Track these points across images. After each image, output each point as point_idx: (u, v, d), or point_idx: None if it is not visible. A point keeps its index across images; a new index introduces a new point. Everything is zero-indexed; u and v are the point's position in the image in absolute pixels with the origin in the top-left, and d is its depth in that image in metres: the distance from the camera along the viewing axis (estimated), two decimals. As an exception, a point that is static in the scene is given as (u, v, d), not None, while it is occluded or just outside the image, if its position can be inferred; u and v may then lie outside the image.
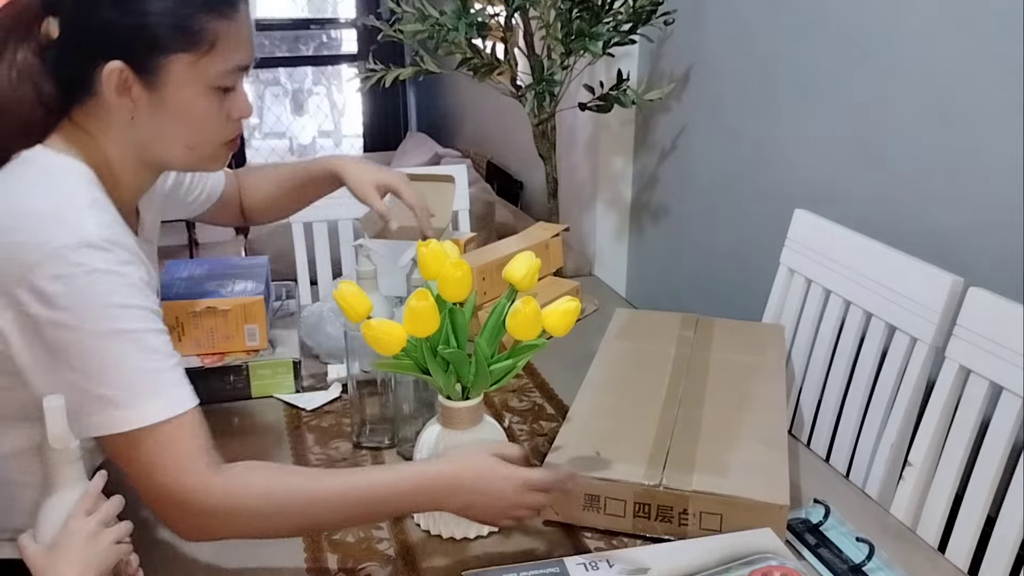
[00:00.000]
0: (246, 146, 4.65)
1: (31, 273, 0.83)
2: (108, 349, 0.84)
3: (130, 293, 0.86)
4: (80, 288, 0.83)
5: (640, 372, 1.29)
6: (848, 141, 1.61)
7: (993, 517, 1.07)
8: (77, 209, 0.87)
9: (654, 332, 1.41)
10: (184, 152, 0.97)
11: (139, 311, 0.87)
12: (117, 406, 0.84)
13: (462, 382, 0.99)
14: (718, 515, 0.99)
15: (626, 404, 1.20)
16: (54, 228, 0.84)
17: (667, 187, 2.26)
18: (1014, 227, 1.29)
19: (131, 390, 0.85)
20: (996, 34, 1.29)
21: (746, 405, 1.18)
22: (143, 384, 0.86)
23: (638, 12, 1.78)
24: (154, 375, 0.87)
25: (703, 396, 1.21)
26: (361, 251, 1.19)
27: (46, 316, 0.83)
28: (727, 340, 1.38)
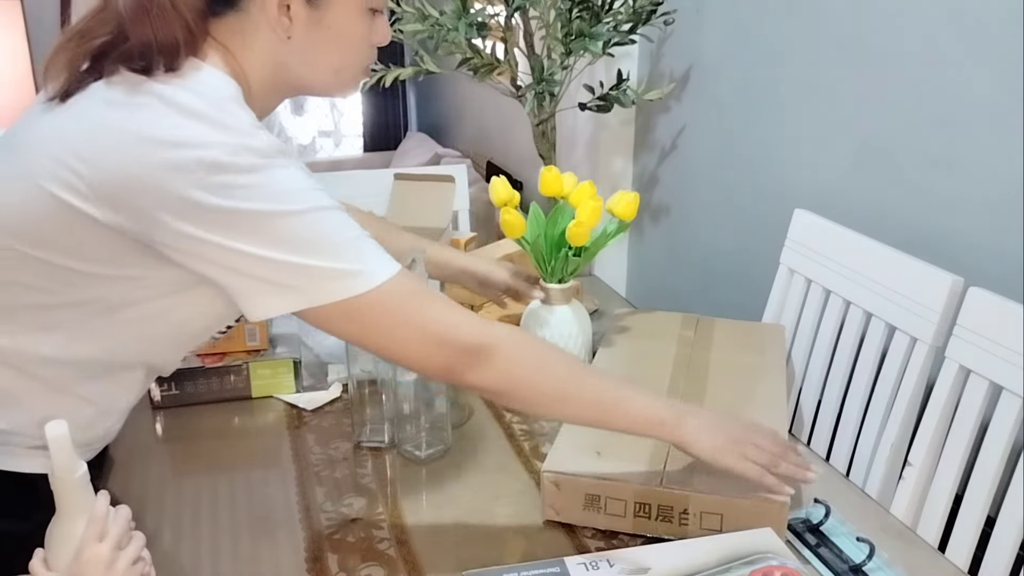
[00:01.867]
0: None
1: (212, 173, 0.79)
2: (318, 223, 0.83)
3: (306, 176, 0.85)
4: (267, 177, 0.81)
5: (640, 371, 1.29)
6: (848, 141, 1.61)
7: (993, 517, 1.07)
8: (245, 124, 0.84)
9: (654, 332, 1.42)
10: (330, 76, 0.95)
11: (323, 191, 0.86)
12: (348, 274, 0.84)
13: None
14: (719, 515, 0.99)
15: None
16: (226, 135, 0.81)
17: (667, 187, 2.26)
18: (1014, 227, 1.30)
19: (356, 255, 0.85)
20: (996, 34, 1.29)
21: (746, 404, 1.18)
22: (362, 247, 0.86)
23: (638, 12, 1.78)
24: (364, 240, 0.87)
25: (703, 395, 1.20)
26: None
27: (239, 210, 0.80)
28: (727, 340, 1.38)
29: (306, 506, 1.09)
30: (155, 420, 1.30)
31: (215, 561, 1.00)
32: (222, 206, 0.80)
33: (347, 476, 1.15)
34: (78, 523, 0.75)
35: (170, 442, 1.27)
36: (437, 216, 1.76)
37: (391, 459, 1.19)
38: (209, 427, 1.28)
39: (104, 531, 0.75)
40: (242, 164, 0.81)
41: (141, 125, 0.81)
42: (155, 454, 1.24)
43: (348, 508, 1.08)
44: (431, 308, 0.90)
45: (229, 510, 1.08)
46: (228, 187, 0.80)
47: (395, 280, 0.87)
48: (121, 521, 0.77)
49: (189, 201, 0.79)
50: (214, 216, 0.80)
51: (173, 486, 1.14)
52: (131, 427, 1.25)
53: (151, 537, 0.97)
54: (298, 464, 1.18)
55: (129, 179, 0.80)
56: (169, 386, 1.31)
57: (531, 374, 0.95)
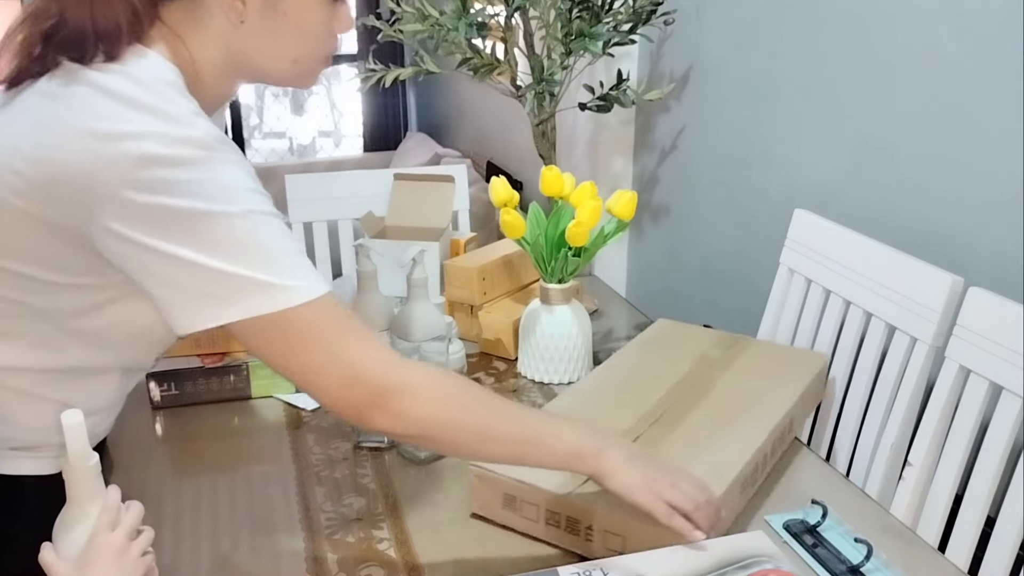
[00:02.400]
0: (246, 146, 4.65)
1: (144, 166, 0.76)
2: (248, 230, 0.79)
3: (251, 179, 0.82)
4: (204, 173, 0.77)
5: (636, 383, 1.25)
6: (848, 141, 1.61)
7: (993, 517, 1.07)
8: (184, 112, 0.80)
9: (679, 346, 1.35)
10: (287, 65, 0.91)
11: (265, 197, 0.82)
12: (269, 288, 0.80)
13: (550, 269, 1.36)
14: (621, 536, 0.96)
15: (598, 412, 1.17)
16: (163, 123, 0.77)
17: (667, 187, 2.26)
18: (1014, 227, 1.30)
19: (285, 268, 0.81)
20: (996, 34, 1.29)
21: (721, 433, 1.11)
22: (290, 264, 0.81)
23: (638, 12, 1.78)
24: (295, 256, 0.82)
25: (685, 417, 1.15)
26: (361, 251, 1.19)
27: (170, 207, 0.76)
28: (751, 363, 1.30)
29: (306, 506, 1.09)
30: (155, 420, 1.30)
31: (215, 561, 1.00)
32: (150, 203, 0.76)
33: (347, 476, 1.15)
34: (90, 512, 0.75)
35: (170, 442, 1.27)
36: (437, 216, 1.76)
37: (391, 459, 1.19)
38: (209, 427, 1.28)
39: (117, 520, 0.76)
40: (176, 157, 0.77)
41: (72, 116, 0.78)
42: (155, 454, 1.24)
43: (348, 508, 1.08)
44: (350, 340, 0.84)
45: (229, 510, 1.08)
46: (159, 182, 0.76)
47: (319, 302, 0.82)
48: (134, 513, 0.78)
49: (118, 197, 0.76)
50: (142, 213, 0.77)
51: (173, 486, 1.14)
52: (131, 427, 1.26)
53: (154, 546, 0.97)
54: (298, 464, 1.18)
55: (62, 173, 0.77)
56: (169, 386, 1.31)
57: (451, 417, 0.88)
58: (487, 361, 1.49)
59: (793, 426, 1.21)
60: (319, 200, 1.90)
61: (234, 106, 4.48)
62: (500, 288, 1.57)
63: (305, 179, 1.92)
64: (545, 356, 1.39)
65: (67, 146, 0.77)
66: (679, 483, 0.92)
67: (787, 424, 1.17)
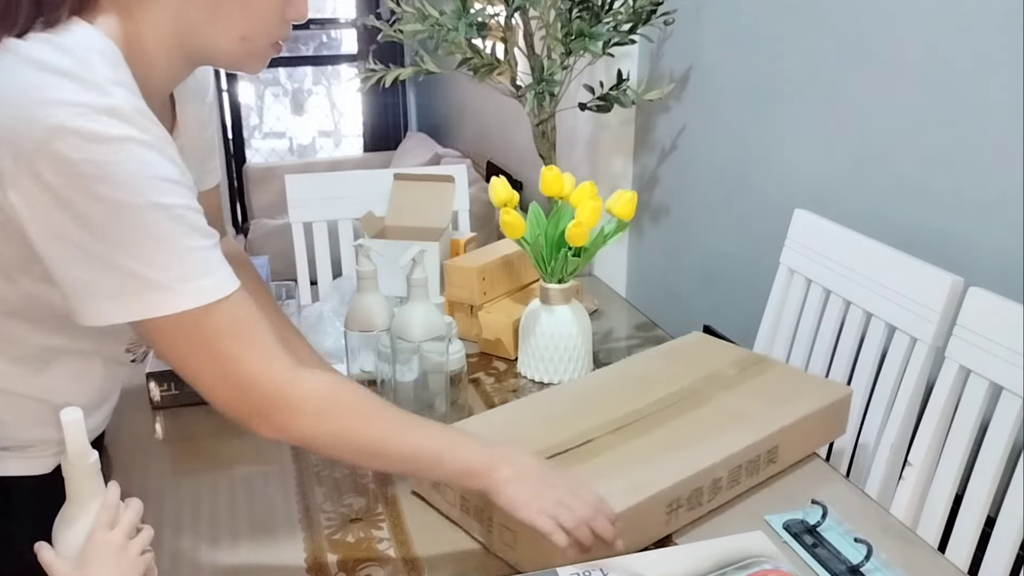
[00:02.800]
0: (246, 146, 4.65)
1: (53, 138, 0.72)
2: (149, 224, 0.76)
3: (168, 166, 0.78)
4: (114, 155, 0.74)
5: (627, 388, 1.22)
6: (848, 141, 1.61)
7: (993, 517, 1.07)
8: (104, 80, 0.77)
9: (697, 359, 1.30)
10: (237, 44, 0.88)
11: (178, 186, 0.78)
12: (161, 287, 0.77)
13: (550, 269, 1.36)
14: (513, 532, 0.95)
15: (564, 410, 1.16)
16: (80, 91, 0.74)
17: (667, 187, 2.26)
18: (1014, 227, 1.30)
19: (185, 269, 0.78)
20: (996, 34, 1.29)
21: (676, 449, 1.06)
22: (190, 263, 0.79)
23: (638, 12, 1.78)
24: (198, 253, 0.79)
25: (653, 430, 1.11)
26: (361, 251, 1.19)
27: (74, 186, 0.74)
28: (763, 385, 1.22)
29: (306, 506, 1.09)
30: (155, 420, 1.30)
31: (215, 561, 1.00)
32: (56, 182, 0.73)
33: (347, 476, 1.15)
34: (89, 509, 0.75)
35: (170, 442, 1.27)
36: (437, 216, 1.76)
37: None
38: (209, 427, 1.28)
39: (116, 519, 0.76)
40: (90, 132, 0.73)
41: (11, 73, 0.75)
42: (155, 454, 1.24)
43: (348, 508, 1.08)
44: (245, 348, 0.82)
45: (229, 510, 1.08)
46: (68, 160, 0.73)
47: (219, 306, 0.80)
48: (133, 510, 0.78)
49: (28, 169, 0.73)
50: (48, 193, 0.74)
51: (173, 486, 1.14)
52: (131, 427, 1.26)
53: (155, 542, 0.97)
54: (298, 464, 1.18)
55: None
56: (169, 386, 1.31)
57: (337, 433, 0.86)
58: (487, 361, 1.49)
59: (782, 454, 1.13)
60: (319, 200, 1.90)
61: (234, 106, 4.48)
62: (500, 288, 1.57)
63: (305, 179, 1.92)
64: (545, 356, 1.39)
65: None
66: (566, 499, 0.90)
67: (767, 450, 1.10)
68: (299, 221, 1.89)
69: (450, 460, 0.91)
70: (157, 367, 1.30)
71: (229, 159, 4.62)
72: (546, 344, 1.39)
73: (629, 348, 1.57)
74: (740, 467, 1.07)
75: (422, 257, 1.18)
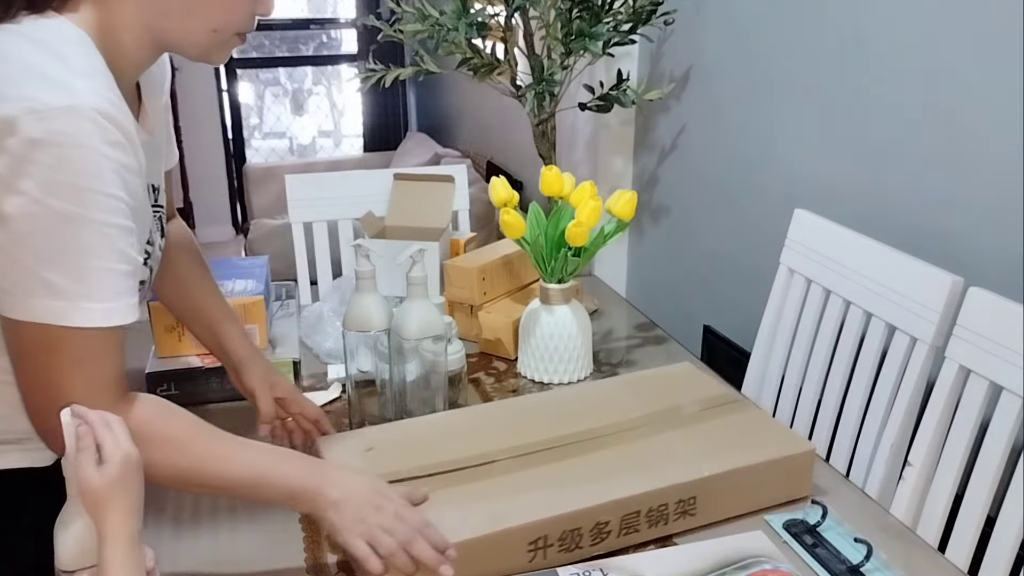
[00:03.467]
0: (246, 146, 4.65)
1: (8, 134, 0.74)
2: (68, 234, 0.77)
3: (111, 180, 0.79)
4: (56, 159, 0.75)
5: (564, 414, 1.16)
6: (848, 141, 1.61)
7: (993, 517, 1.07)
8: (70, 73, 0.79)
9: (666, 390, 1.22)
10: (207, 35, 0.91)
11: (114, 201, 0.79)
12: (60, 296, 0.78)
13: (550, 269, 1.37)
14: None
15: (487, 427, 1.13)
16: (40, 87, 0.76)
17: (667, 187, 2.26)
18: (1014, 227, 1.29)
19: (80, 284, 0.78)
20: (996, 34, 1.29)
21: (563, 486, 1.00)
22: (94, 282, 0.79)
23: (638, 12, 1.78)
24: (107, 276, 0.80)
25: (560, 460, 1.05)
26: (360, 251, 1.19)
27: (8, 182, 0.75)
28: (717, 428, 1.13)
29: (306, 506, 1.08)
30: (155, 420, 1.30)
31: (215, 561, 1.00)
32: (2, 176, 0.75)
33: (347, 476, 1.15)
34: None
35: (170, 442, 1.27)
36: (437, 216, 1.76)
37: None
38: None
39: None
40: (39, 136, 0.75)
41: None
42: (155, 454, 1.24)
43: (348, 508, 1.08)
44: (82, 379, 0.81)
45: (229, 510, 1.08)
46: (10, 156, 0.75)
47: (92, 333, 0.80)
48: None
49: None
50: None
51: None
52: (131, 427, 1.25)
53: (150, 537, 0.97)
54: (298, 464, 1.18)
55: None
56: (169, 386, 1.31)
57: (154, 461, 0.82)
58: (487, 361, 1.49)
59: (703, 506, 1.02)
60: (319, 200, 1.90)
61: (234, 106, 4.48)
62: (500, 288, 1.57)
63: (305, 179, 1.92)
64: (545, 356, 1.39)
65: None
66: (389, 524, 0.89)
67: (679, 500, 1.01)
68: (299, 221, 1.89)
69: (272, 485, 0.90)
70: (156, 368, 1.30)
71: (229, 159, 4.62)
72: (546, 344, 1.39)
73: (629, 348, 1.57)
74: (637, 514, 0.99)
75: (421, 256, 1.18)
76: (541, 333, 1.39)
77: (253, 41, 4.75)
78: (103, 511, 0.72)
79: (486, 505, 0.96)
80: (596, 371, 1.46)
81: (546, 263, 1.37)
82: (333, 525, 0.89)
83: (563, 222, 1.36)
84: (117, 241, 0.80)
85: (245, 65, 4.68)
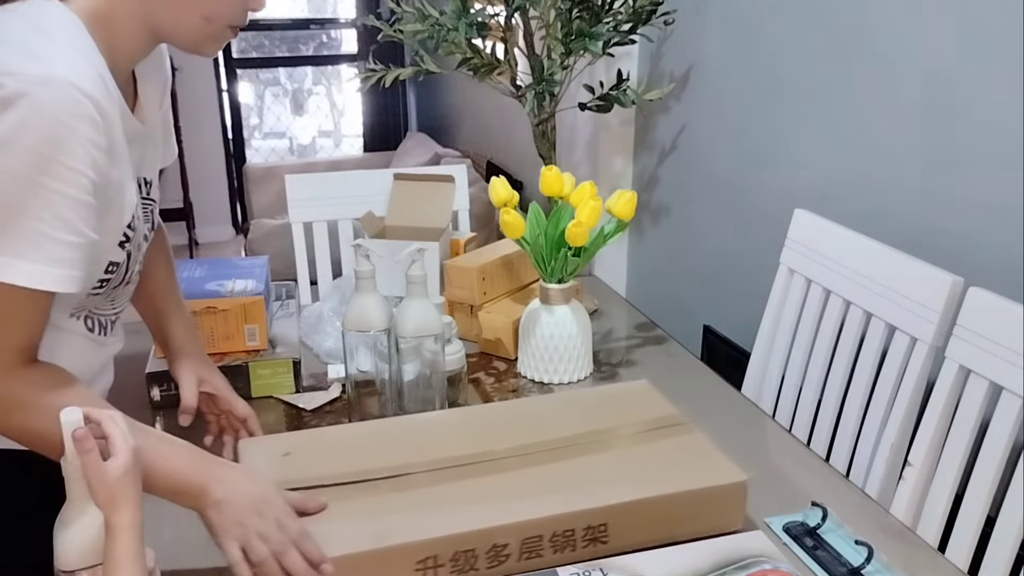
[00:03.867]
0: (246, 146, 4.65)
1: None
2: (15, 193, 0.79)
3: (73, 152, 0.80)
4: (21, 121, 0.77)
5: (493, 429, 1.11)
6: (848, 141, 1.61)
7: (993, 517, 1.07)
8: (53, 48, 0.82)
9: (609, 411, 1.15)
10: (199, 23, 0.93)
11: (71, 173, 0.81)
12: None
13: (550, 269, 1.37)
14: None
15: (410, 438, 1.09)
16: (20, 57, 0.79)
17: (667, 187, 2.26)
18: (1014, 227, 1.29)
19: (14, 242, 0.80)
20: (996, 34, 1.29)
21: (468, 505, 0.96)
22: (27, 242, 0.80)
23: (638, 12, 1.78)
24: (44, 240, 0.81)
25: (474, 477, 1.01)
26: (360, 251, 1.19)
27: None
28: (644, 454, 1.06)
29: (305, 506, 1.08)
30: (155, 420, 1.30)
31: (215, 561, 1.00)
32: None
33: (346, 476, 1.15)
34: (89, 511, 0.75)
35: (170, 442, 1.27)
36: (437, 216, 1.76)
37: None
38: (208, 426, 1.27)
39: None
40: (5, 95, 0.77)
41: None
42: (154, 454, 1.24)
43: (347, 508, 1.08)
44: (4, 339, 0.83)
45: (228, 510, 1.08)
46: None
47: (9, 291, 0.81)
48: None
49: None
50: None
51: (172, 486, 1.14)
52: (130, 427, 1.25)
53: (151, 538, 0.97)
54: (297, 464, 1.18)
55: None
56: (169, 386, 1.31)
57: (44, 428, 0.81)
58: (487, 361, 1.49)
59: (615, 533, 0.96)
60: (319, 200, 1.90)
61: (234, 106, 4.48)
62: (500, 288, 1.57)
63: (305, 179, 1.92)
64: (545, 356, 1.39)
65: None
66: (266, 531, 0.87)
67: (588, 527, 0.95)
68: (299, 221, 1.89)
69: (160, 476, 0.87)
70: (156, 367, 1.30)
71: (229, 159, 4.62)
72: (546, 344, 1.39)
73: (629, 348, 1.57)
74: (540, 538, 0.93)
75: (420, 255, 1.18)
76: (541, 333, 1.39)
77: (253, 41, 4.76)
78: (118, 503, 0.73)
79: (380, 520, 0.93)
80: (596, 371, 1.46)
81: (546, 263, 1.37)
82: (212, 525, 0.88)
83: (563, 222, 1.36)
84: (64, 211, 0.81)
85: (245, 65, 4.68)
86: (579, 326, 1.39)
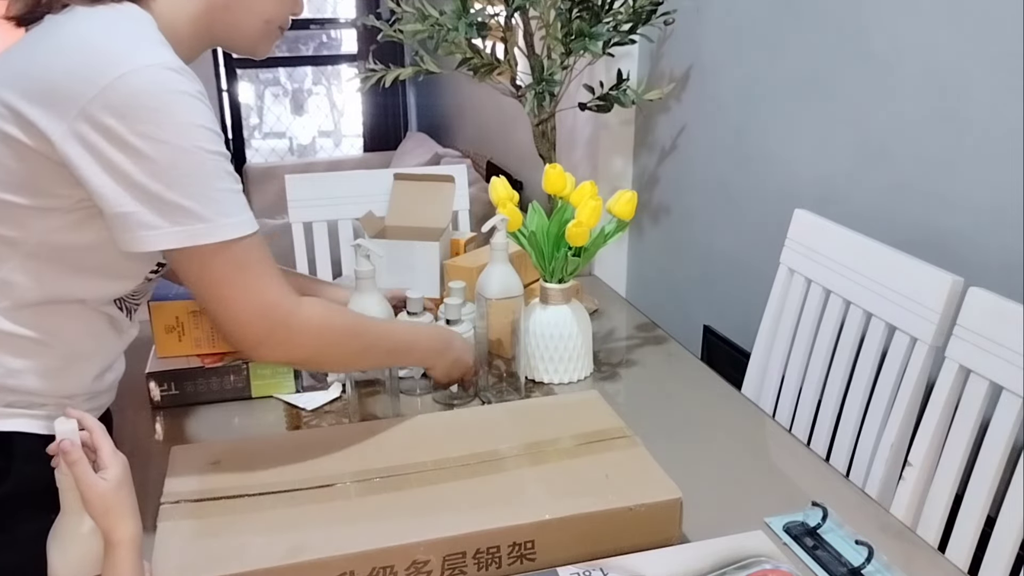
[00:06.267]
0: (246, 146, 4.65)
1: (109, 91, 0.83)
2: (194, 164, 0.86)
3: (208, 116, 0.89)
4: (166, 104, 0.85)
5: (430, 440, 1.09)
6: (848, 141, 1.61)
7: (993, 517, 1.07)
8: (152, 43, 0.89)
9: (549, 423, 1.12)
10: (260, 25, 1.02)
11: (218, 136, 0.89)
12: (203, 219, 0.87)
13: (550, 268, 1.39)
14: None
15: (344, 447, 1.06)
16: (132, 52, 0.86)
17: (667, 187, 2.26)
18: (1014, 227, 1.29)
19: (216, 205, 0.88)
20: (996, 34, 1.29)
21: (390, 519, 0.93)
22: (226, 201, 0.89)
23: (638, 12, 1.78)
24: (234, 195, 0.90)
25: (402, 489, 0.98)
26: (360, 251, 1.19)
27: (127, 129, 0.84)
28: (580, 467, 1.03)
29: (305, 506, 1.08)
30: (155, 420, 1.30)
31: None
32: (115, 128, 0.83)
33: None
34: (83, 523, 0.74)
35: (170, 442, 1.27)
36: (437, 216, 1.76)
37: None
38: (209, 427, 1.28)
39: None
40: (149, 82, 0.84)
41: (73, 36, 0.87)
42: (155, 454, 1.23)
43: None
44: (265, 280, 0.94)
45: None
46: (125, 107, 0.83)
47: (250, 240, 0.91)
48: None
49: (91, 111, 0.83)
50: (106, 130, 0.84)
51: (173, 486, 1.14)
52: (131, 427, 1.26)
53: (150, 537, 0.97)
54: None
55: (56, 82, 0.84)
56: (169, 386, 1.31)
57: (338, 339, 1.04)
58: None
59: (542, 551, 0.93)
60: (319, 200, 1.91)
61: (234, 106, 4.48)
62: (500, 288, 1.57)
63: (305, 179, 1.92)
64: (545, 356, 1.39)
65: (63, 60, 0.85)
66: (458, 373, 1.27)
67: (513, 543, 0.92)
68: (299, 221, 1.89)
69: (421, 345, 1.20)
70: (156, 367, 1.30)
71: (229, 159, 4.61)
72: (546, 344, 1.39)
73: (629, 348, 1.57)
74: (463, 555, 0.91)
75: (503, 224, 1.29)
76: (541, 333, 1.39)
77: (253, 41, 4.74)
78: (115, 516, 0.73)
79: (298, 534, 0.90)
80: (596, 371, 1.46)
81: (546, 263, 1.37)
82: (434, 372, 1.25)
83: (564, 222, 1.36)
84: (225, 166, 0.90)
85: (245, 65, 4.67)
86: (579, 326, 1.39)
